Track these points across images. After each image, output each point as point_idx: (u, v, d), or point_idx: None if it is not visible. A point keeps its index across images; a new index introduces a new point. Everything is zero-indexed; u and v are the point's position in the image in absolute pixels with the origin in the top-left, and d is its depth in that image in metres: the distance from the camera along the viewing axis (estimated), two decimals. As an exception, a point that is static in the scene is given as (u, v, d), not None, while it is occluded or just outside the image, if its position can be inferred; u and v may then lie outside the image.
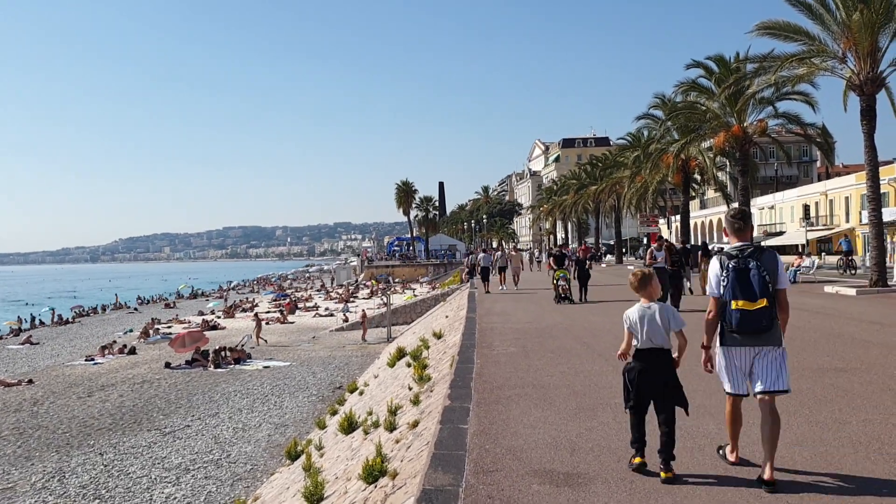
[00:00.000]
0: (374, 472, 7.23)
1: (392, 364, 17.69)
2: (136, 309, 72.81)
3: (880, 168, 27.63)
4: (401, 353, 17.84)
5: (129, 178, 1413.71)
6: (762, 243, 54.92)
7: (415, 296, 56.84)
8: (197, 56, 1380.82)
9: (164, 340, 38.99)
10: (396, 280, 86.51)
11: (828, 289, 24.08)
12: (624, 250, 75.93)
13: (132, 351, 35.83)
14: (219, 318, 54.67)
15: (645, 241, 65.63)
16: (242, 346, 33.88)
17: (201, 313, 59.57)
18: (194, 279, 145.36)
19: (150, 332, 44.27)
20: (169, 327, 48.96)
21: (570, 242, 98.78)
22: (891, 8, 23.55)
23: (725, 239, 7.24)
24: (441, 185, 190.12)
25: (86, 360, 34.09)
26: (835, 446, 6.26)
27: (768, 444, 5.34)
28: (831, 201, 64.11)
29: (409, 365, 14.72)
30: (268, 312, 57.41)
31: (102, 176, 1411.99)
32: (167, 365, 30.72)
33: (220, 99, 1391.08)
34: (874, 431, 6.68)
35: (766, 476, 5.24)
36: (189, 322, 52.43)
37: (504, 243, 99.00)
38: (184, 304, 77.31)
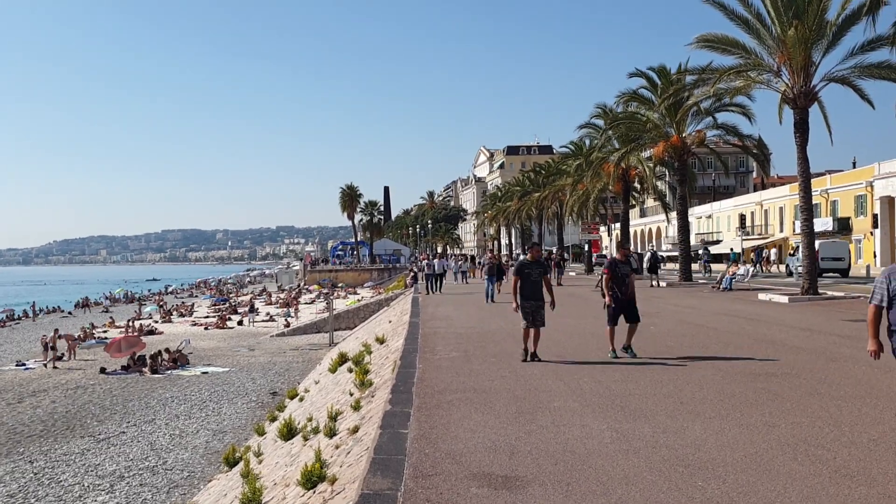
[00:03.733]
0: (312, 478, 7.18)
1: (333, 370, 17.58)
2: (70, 313, 70.86)
3: (812, 179, 28.49)
4: (343, 359, 17.74)
5: (64, 178, 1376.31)
6: (699, 251, 56.58)
7: (358, 300, 56.56)
8: (132, 57, 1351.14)
9: (99, 345, 38.03)
10: (340, 284, 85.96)
11: (762, 296, 24.72)
12: (567, 257, 76.32)
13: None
14: (156, 322, 53.61)
15: (586, 247, 66.34)
16: (181, 349, 33.27)
17: (138, 318, 58.31)
18: (132, 283, 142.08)
19: (86, 336, 43.12)
20: (105, 332, 47.79)
21: (514, 248, 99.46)
22: (823, 24, 24.30)
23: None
24: (386, 189, 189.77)
25: (17, 365, 33.06)
26: (764, 448, 6.44)
27: None
28: (766, 211, 65.95)
29: (350, 370, 14.65)
30: (206, 317, 56.50)
31: (36, 175, 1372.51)
32: (102, 370, 29.98)
33: (157, 100, 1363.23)
34: (802, 434, 6.89)
35: None
36: (126, 327, 51.24)
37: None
38: (120, 309, 75.57)
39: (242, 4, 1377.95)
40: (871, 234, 51.31)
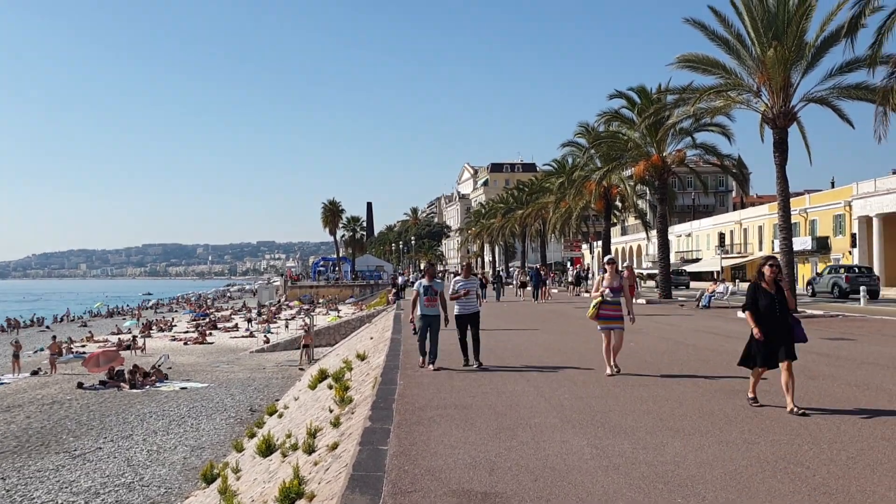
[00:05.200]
0: (290, 495, 7.12)
1: (313, 386, 17.47)
2: (48, 327, 70.10)
3: (791, 199, 28.77)
4: (323, 375, 17.63)
5: (43, 191, 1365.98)
6: (680, 269, 56.83)
7: (339, 317, 56.33)
8: (113, 65, 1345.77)
9: (77, 360, 37.59)
10: (321, 300, 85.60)
11: (741, 314, 24.83)
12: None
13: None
14: (135, 337, 53.10)
15: (568, 264, 66.56)
16: (159, 365, 32.95)
17: (118, 332, 57.79)
18: (115, 297, 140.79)
19: (63, 350, 42.59)
20: (83, 346, 47.27)
21: (497, 265, 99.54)
22: (803, 45, 24.66)
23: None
24: (369, 205, 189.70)
25: (-9, 380, 32.58)
26: (743, 465, 6.44)
27: None
28: (745, 230, 66.44)
29: (330, 387, 14.55)
30: (186, 332, 56.08)
31: (14, 188, 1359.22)
32: (80, 385, 29.62)
33: (139, 114, 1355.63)
34: (781, 451, 6.90)
35: None
36: (105, 341, 50.74)
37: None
38: (99, 323, 74.86)
39: (227, 21, 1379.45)
40: (850, 253, 51.81)
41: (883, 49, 20.65)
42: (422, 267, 46.99)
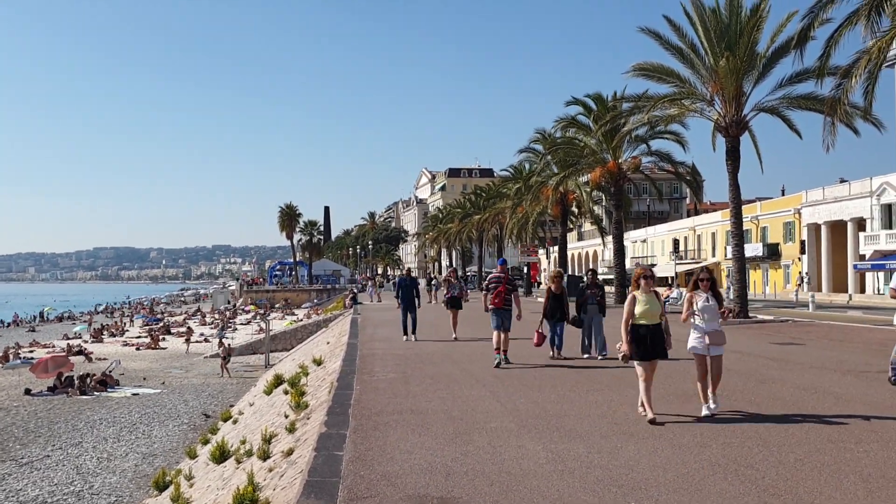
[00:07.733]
0: (244, 502, 7.03)
1: (269, 392, 17.32)
2: (-6, 332, 68.36)
3: (743, 206, 29.34)
4: (278, 381, 17.49)
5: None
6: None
7: (296, 321, 55.89)
8: (61, 60, 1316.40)
9: (24, 365, 36.71)
10: (277, 305, 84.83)
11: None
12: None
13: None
14: (86, 342, 52.04)
15: (525, 269, 66.80)
16: (110, 371, 32.35)
17: (66, 337, 56.57)
18: (64, 301, 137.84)
19: (10, 356, 41.58)
20: (31, 351, 46.17)
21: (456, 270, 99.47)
22: (754, 56, 25.16)
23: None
24: (327, 209, 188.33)
25: (-66, 387, 31.65)
26: (695, 468, 6.54)
27: None
28: (699, 236, 67.60)
29: (286, 392, 14.43)
30: (138, 338, 55.14)
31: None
32: (27, 391, 28.94)
33: (90, 111, 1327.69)
34: (732, 453, 7.03)
35: None
36: (53, 346, 49.62)
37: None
38: (48, 328, 73.21)
39: (181, 20, 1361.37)
40: (799, 259, 52.99)
41: (831, 60, 21.10)
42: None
